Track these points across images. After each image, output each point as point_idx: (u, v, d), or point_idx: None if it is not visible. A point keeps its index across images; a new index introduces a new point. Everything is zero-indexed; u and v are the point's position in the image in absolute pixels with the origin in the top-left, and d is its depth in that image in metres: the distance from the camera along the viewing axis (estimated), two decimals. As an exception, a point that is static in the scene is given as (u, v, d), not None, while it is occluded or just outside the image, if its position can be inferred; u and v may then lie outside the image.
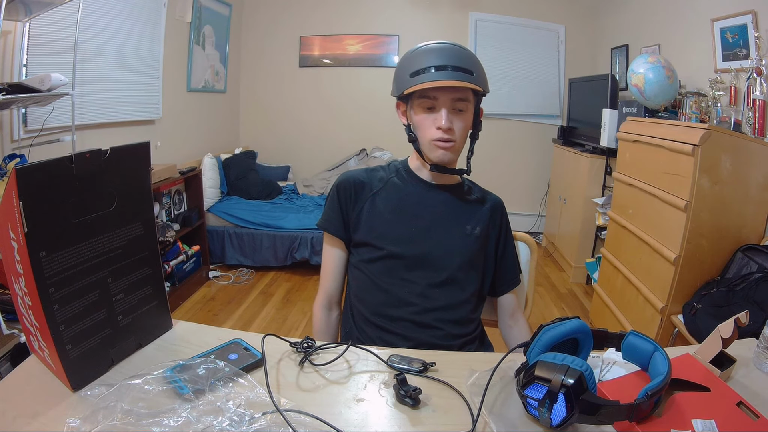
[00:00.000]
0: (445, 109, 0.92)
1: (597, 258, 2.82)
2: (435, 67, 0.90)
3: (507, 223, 1.09)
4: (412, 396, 0.65)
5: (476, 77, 0.92)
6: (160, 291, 0.77)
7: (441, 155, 0.96)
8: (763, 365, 0.74)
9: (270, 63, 4.23)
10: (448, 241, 1.00)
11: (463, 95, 0.93)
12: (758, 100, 1.81)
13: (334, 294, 1.08)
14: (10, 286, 0.65)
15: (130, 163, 0.70)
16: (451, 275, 0.99)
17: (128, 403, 0.58)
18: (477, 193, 1.08)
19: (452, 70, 0.90)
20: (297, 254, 3.14)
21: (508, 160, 4.19)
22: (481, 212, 1.05)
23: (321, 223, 1.06)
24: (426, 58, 0.92)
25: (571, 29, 4.00)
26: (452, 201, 1.03)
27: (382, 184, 1.04)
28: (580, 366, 0.57)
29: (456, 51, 0.92)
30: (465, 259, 1.00)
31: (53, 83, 1.76)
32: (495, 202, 1.08)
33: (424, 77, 0.91)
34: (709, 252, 1.71)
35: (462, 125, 0.95)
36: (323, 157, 4.25)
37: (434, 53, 0.92)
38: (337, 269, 1.07)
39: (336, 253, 1.07)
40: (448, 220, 1.02)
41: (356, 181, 1.04)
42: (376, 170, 1.07)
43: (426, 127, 0.95)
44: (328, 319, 1.07)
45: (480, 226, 1.03)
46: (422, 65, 0.91)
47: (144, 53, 2.86)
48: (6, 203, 0.57)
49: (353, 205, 1.03)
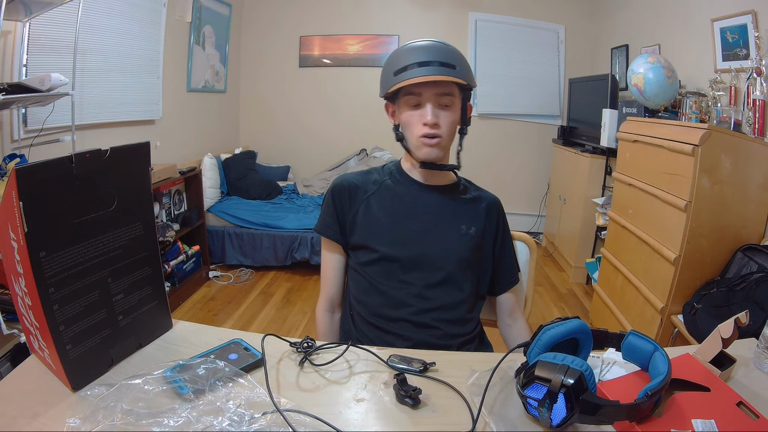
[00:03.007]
0: (429, 104, 0.93)
1: (597, 258, 2.82)
2: (418, 64, 0.91)
3: (504, 222, 1.09)
4: (412, 396, 0.65)
5: (459, 71, 0.92)
6: (160, 291, 0.77)
7: (427, 152, 0.96)
8: (763, 365, 0.74)
9: (270, 63, 4.23)
10: (443, 241, 1.00)
11: (448, 90, 0.93)
12: (758, 100, 1.81)
13: (336, 297, 1.09)
14: (10, 286, 0.65)
15: (130, 163, 0.70)
16: (448, 275, 0.99)
17: (128, 403, 0.58)
18: (473, 192, 1.08)
19: (435, 66, 0.90)
20: (297, 254, 3.14)
21: (508, 160, 4.19)
22: (476, 211, 1.04)
23: (318, 228, 1.07)
24: (409, 56, 0.92)
25: (571, 29, 4.00)
26: (446, 201, 1.03)
27: (376, 187, 1.04)
28: (580, 366, 0.58)
29: (438, 47, 0.93)
30: (461, 259, 1.00)
31: (53, 83, 1.76)
32: (491, 201, 1.07)
33: (407, 74, 0.91)
34: (709, 252, 1.71)
35: (448, 120, 0.95)
36: (323, 157, 4.25)
37: (417, 50, 0.93)
38: (337, 273, 1.08)
39: (335, 257, 1.07)
40: (443, 220, 1.02)
41: (350, 184, 1.04)
42: (370, 173, 1.07)
43: (412, 124, 0.95)
44: (331, 322, 1.08)
45: (475, 225, 1.03)
46: (405, 63, 0.92)
47: (144, 53, 2.86)
48: (6, 203, 0.57)
49: (348, 209, 1.03)
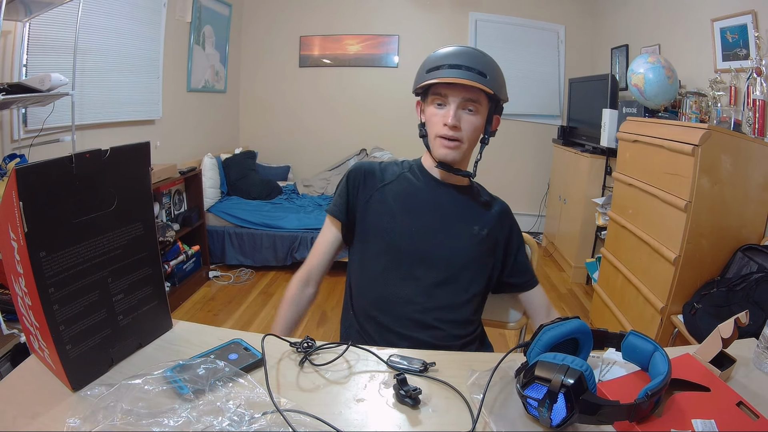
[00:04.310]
0: (453, 106, 0.93)
1: (597, 258, 2.82)
2: (449, 65, 0.92)
3: (517, 227, 1.10)
4: (412, 396, 0.65)
5: (489, 80, 0.92)
6: (160, 291, 0.77)
7: (444, 153, 0.96)
8: (763, 365, 0.74)
9: (270, 63, 4.23)
10: (453, 240, 1.00)
11: (474, 96, 0.94)
12: (758, 100, 1.81)
13: (315, 272, 1.07)
14: (10, 286, 0.65)
15: (130, 163, 0.70)
16: (454, 275, 0.99)
17: (128, 403, 0.58)
18: (485, 196, 1.09)
19: (465, 70, 0.92)
20: (297, 254, 3.14)
21: (508, 160, 4.18)
22: (488, 215, 1.05)
23: (328, 208, 1.08)
24: (444, 58, 0.94)
25: (571, 29, 4.00)
26: (461, 200, 1.04)
27: (393, 177, 1.05)
28: (580, 366, 0.57)
29: (473, 53, 0.94)
30: (469, 259, 1.00)
31: (53, 83, 1.76)
32: (503, 207, 1.09)
33: (438, 73, 0.93)
34: (709, 252, 1.71)
35: (471, 126, 0.95)
36: (323, 157, 4.25)
37: (452, 53, 0.95)
38: (327, 249, 1.07)
39: (331, 234, 1.07)
40: (456, 218, 1.02)
41: (368, 169, 1.06)
42: (390, 164, 1.09)
43: (434, 122, 0.97)
44: (300, 293, 1.06)
45: (488, 228, 1.03)
46: (439, 63, 0.94)
47: (144, 53, 2.86)
48: (6, 203, 0.57)
49: (362, 191, 1.04)
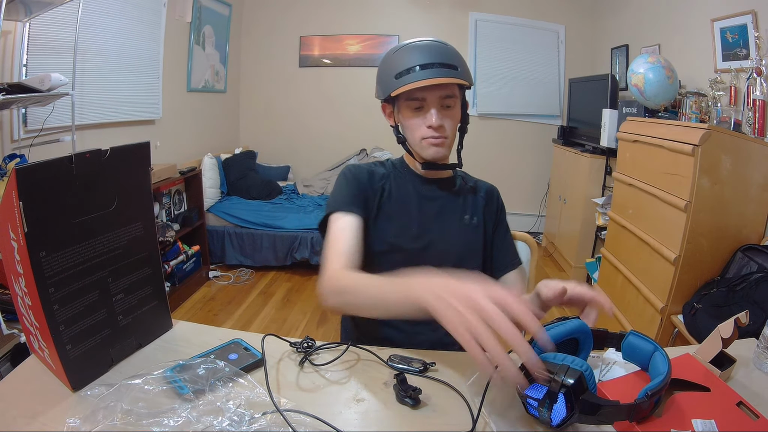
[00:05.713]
0: (434, 109, 0.91)
1: (597, 258, 2.82)
2: (420, 66, 0.88)
3: (502, 206, 1.08)
4: (412, 396, 0.65)
5: (461, 72, 0.91)
6: (160, 291, 0.77)
7: (434, 152, 0.95)
8: (763, 365, 0.74)
9: (270, 63, 4.23)
10: (448, 232, 1.00)
11: (451, 92, 0.92)
12: (758, 100, 1.81)
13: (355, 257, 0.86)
14: (10, 286, 0.65)
15: (130, 163, 0.70)
16: (453, 267, 0.98)
17: (128, 403, 0.58)
18: (470, 182, 1.08)
19: (437, 68, 0.88)
20: (297, 254, 3.14)
21: (508, 160, 4.19)
22: (475, 201, 1.05)
23: (337, 206, 0.93)
24: (409, 57, 0.89)
25: (571, 29, 4.00)
26: (448, 193, 1.04)
27: (384, 179, 1.04)
28: (580, 366, 0.57)
29: (438, 47, 0.91)
30: (466, 249, 1.01)
31: (53, 83, 1.76)
32: (488, 189, 1.07)
33: (410, 77, 0.88)
34: (709, 252, 1.71)
35: (451, 121, 0.95)
36: (323, 157, 4.25)
37: (417, 51, 0.90)
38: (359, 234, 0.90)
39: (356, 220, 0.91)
40: (446, 212, 1.02)
41: (367, 169, 1.02)
42: (375, 165, 1.07)
43: (416, 127, 0.94)
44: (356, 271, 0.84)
45: (477, 215, 1.03)
46: (406, 65, 0.89)
47: (144, 53, 2.86)
48: (6, 203, 0.57)
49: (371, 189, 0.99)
